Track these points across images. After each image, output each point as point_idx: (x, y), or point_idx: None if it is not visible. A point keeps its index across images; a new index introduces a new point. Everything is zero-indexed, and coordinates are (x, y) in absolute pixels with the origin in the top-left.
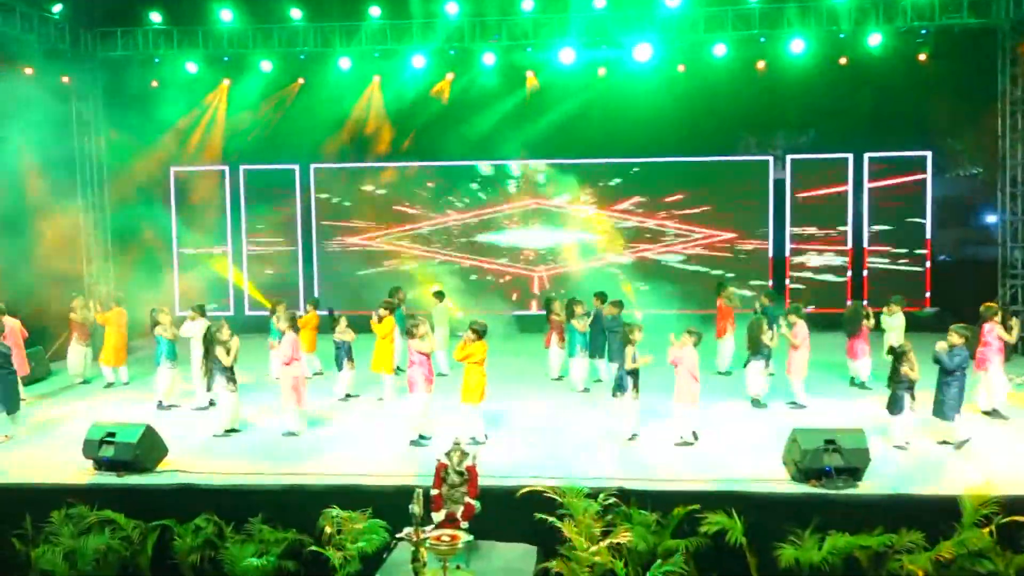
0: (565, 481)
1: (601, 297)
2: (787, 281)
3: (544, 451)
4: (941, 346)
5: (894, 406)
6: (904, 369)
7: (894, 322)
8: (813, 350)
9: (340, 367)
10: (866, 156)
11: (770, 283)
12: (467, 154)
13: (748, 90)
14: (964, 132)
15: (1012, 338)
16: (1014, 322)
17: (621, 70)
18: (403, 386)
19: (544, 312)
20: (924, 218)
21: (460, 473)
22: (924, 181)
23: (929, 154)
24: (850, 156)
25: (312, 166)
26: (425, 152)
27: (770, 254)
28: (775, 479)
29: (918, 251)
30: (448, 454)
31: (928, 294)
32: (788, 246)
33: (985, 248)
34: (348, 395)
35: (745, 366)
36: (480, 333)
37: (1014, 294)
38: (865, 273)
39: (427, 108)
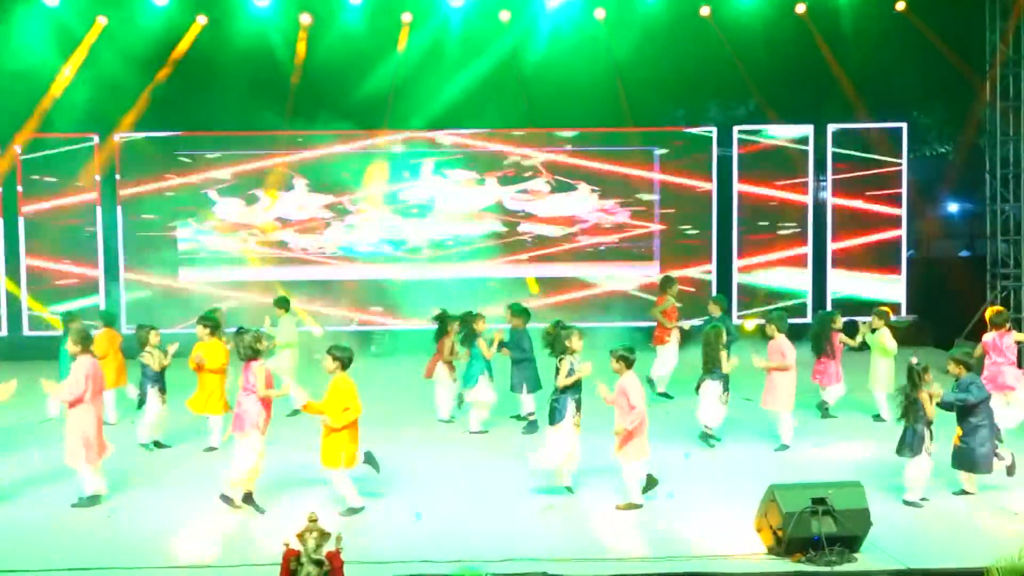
0: (467, 565)
1: (517, 312)
2: (735, 284)
3: (440, 523)
4: (937, 392)
5: (908, 447)
6: (923, 395)
7: (879, 339)
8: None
9: (143, 402)
10: (829, 128)
11: (713, 287)
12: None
13: (685, 46)
14: (937, 102)
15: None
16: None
17: (527, 20)
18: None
19: (437, 330)
20: (899, 206)
21: (318, 563)
22: (898, 160)
23: (904, 126)
24: (810, 128)
25: (117, 136)
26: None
27: (714, 250)
28: (745, 554)
29: (891, 247)
30: (300, 536)
31: (903, 299)
32: (735, 240)
33: (966, 241)
34: (157, 443)
35: (697, 388)
36: (344, 361)
37: (1005, 297)
38: (829, 273)
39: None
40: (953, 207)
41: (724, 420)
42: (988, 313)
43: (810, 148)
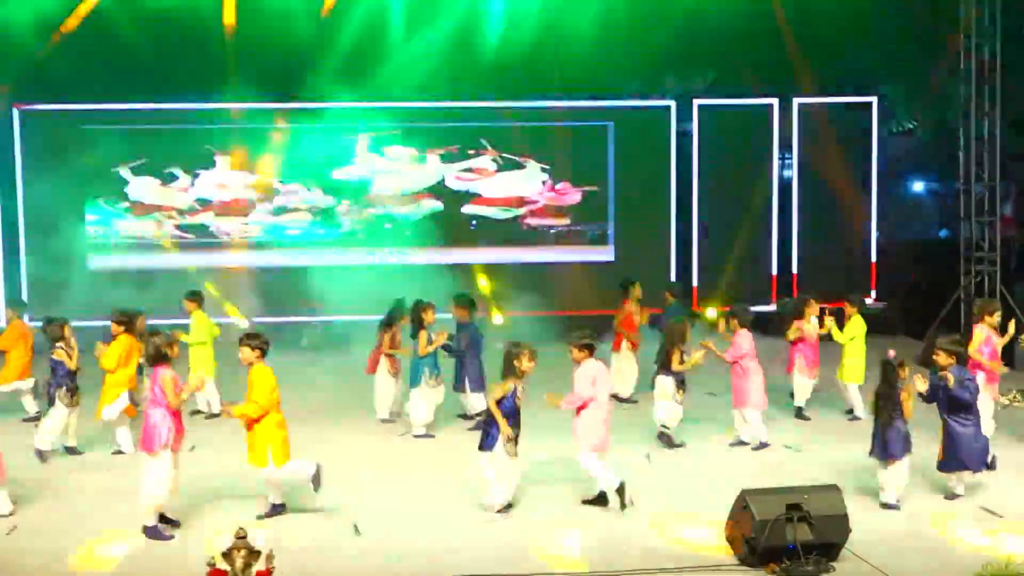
0: None
1: (462, 303)
2: (696, 268)
3: (381, 536)
4: (920, 385)
5: (885, 448)
6: (902, 393)
7: (851, 328)
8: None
9: (51, 403)
10: (795, 102)
11: (672, 272)
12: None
13: (640, 14)
14: (908, 75)
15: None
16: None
17: None
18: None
19: (381, 321)
20: (869, 186)
21: None
22: (868, 136)
23: (874, 101)
24: (775, 101)
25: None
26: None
27: (672, 233)
28: (716, 564)
29: (860, 228)
30: (227, 555)
31: (873, 286)
32: (696, 222)
33: (939, 223)
34: (71, 448)
35: (652, 383)
36: (263, 350)
37: (980, 283)
38: (795, 257)
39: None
40: (924, 186)
41: (686, 419)
42: (977, 304)
43: (774, 123)
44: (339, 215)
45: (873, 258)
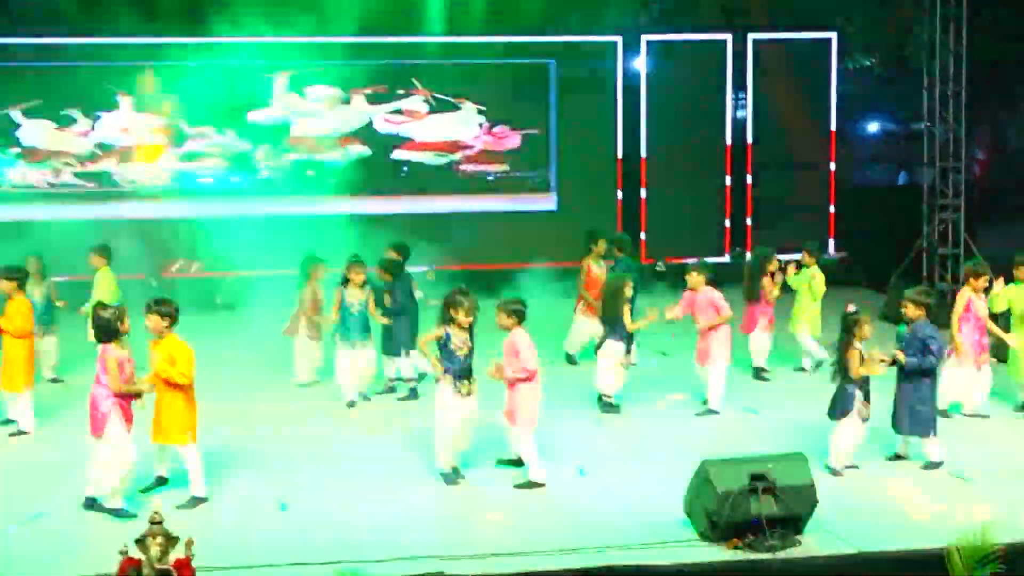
0: (347, 567)
1: (399, 250)
2: (644, 218)
3: (311, 515)
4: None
5: (836, 406)
6: (849, 352)
7: (808, 280)
8: (688, 325)
9: None
10: (749, 38)
11: (619, 223)
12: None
13: None
14: (870, 10)
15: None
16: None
17: None
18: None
19: (298, 277)
20: (827, 128)
21: (164, 574)
22: (826, 75)
23: (833, 37)
24: (728, 37)
25: None
26: None
27: (619, 180)
28: (676, 540)
29: (819, 174)
30: (141, 542)
31: (832, 234)
32: (644, 166)
33: (897, 168)
34: None
35: (596, 349)
36: (173, 317)
37: (944, 231)
38: (750, 204)
39: None
40: (883, 128)
41: (639, 381)
42: (967, 266)
43: (728, 60)
44: (255, 161)
45: (832, 205)
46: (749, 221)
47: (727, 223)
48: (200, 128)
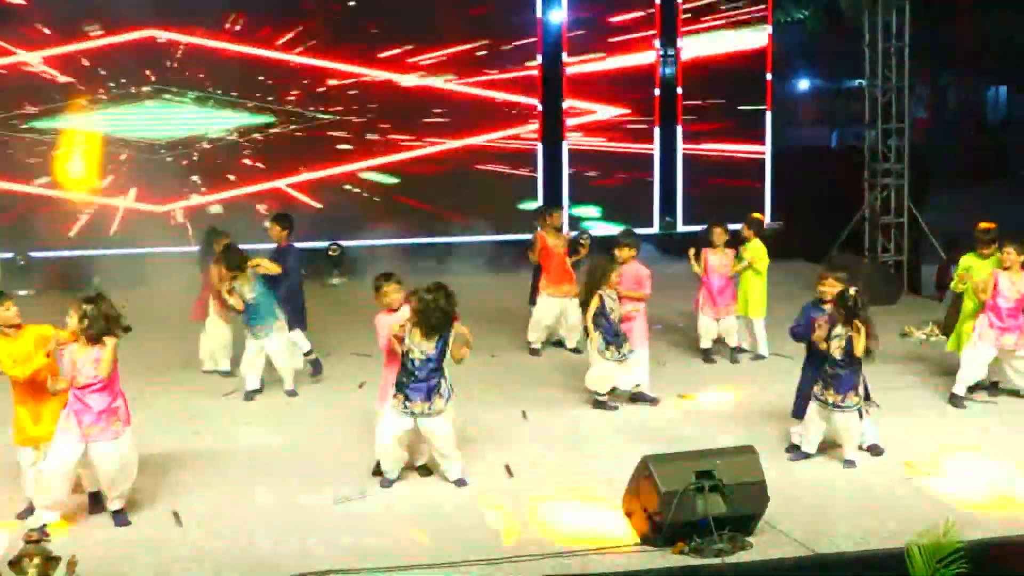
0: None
1: (278, 220)
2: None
3: (208, 527)
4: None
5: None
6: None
7: (751, 253)
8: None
9: None
10: None
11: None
12: None
13: None
14: None
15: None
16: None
17: None
18: None
19: (200, 250)
20: (761, 87)
21: None
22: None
23: None
24: None
25: None
26: None
27: (539, 149)
28: (614, 545)
29: (752, 134)
30: (16, 564)
31: (767, 200)
32: (565, 134)
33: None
34: None
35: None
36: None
37: (886, 199)
38: (679, 170)
39: None
40: (817, 87)
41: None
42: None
43: (656, 13)
44: None
45: (767, 171)
46: (680, 187)
47: (656, 191)
48: None
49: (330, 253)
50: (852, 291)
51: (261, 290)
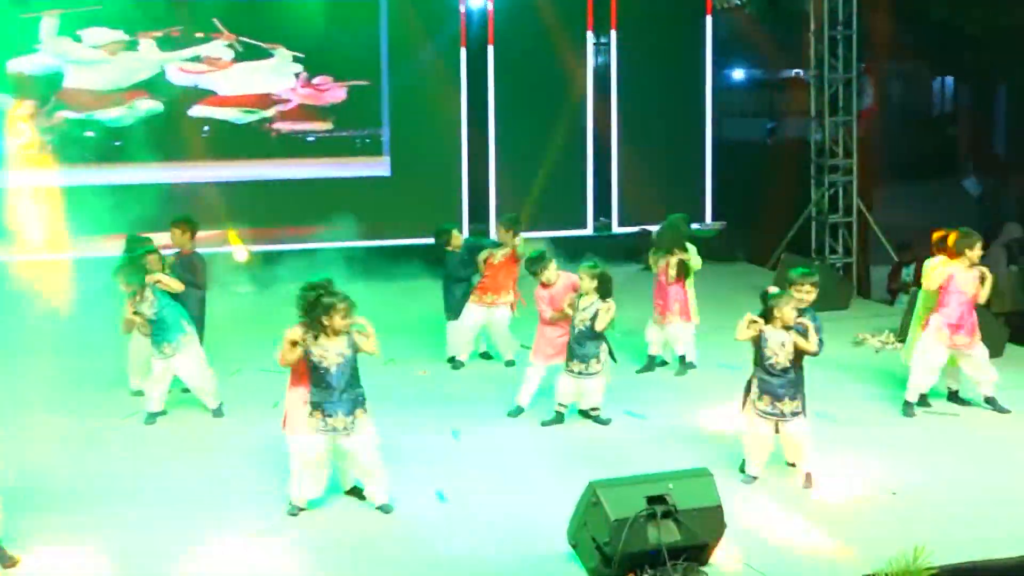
0: None
1: (180, 222)
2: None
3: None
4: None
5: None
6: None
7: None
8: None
9: None
10: None
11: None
12: None
13: None
14: None
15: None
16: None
17: None
18: None
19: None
20: (702, 79)
21: None
22: (700, 15)
23: None
24: None
25: None
26: None
27: (464, 143)
28: None
29: (693, 128)
30: None
31: (708, 198)
32: (492, 127)
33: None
34: None
35: None
36: None
37: (833, 196)
38: (615, 167)
39: None
40: (758, 76)
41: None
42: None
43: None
44: (18, 120)
45: (708, 168)
46: (615, 187)
47: (589, 191)
48: None
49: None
50: (774, 289)
51: (164, 303)
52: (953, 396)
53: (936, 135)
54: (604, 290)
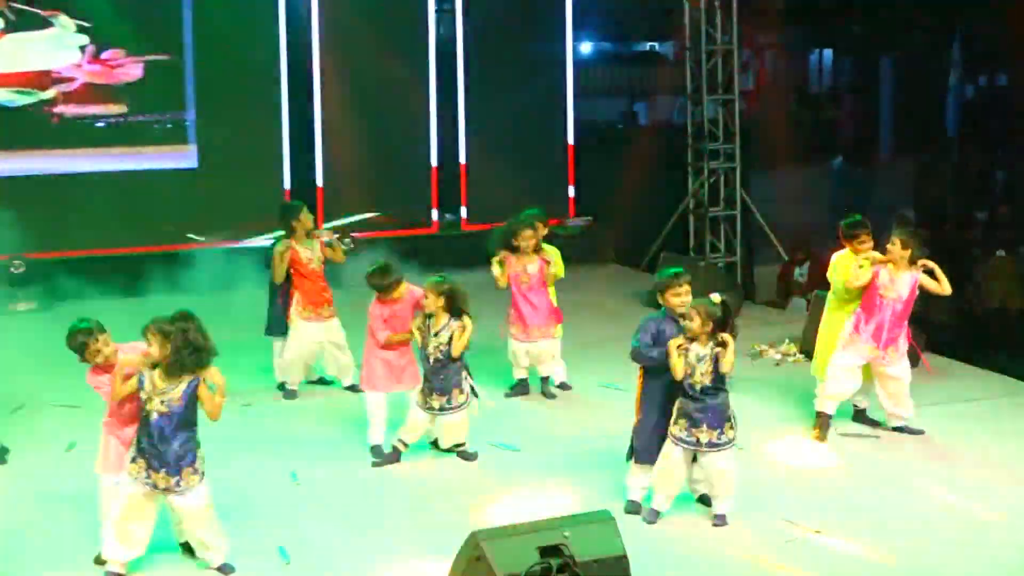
0: None
1: None
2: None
3: None
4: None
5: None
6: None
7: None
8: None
9: None
10: None
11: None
12: None
13: None
14: None
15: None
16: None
17: None
18: None
19: None
20: (562, 54)
21: None
22: None
23: None
24: None
25: None
26: None
27: (284, 126)
28: None
29: (548, 115)
30: None
31: (570, 192)
32: (319, 108)
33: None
34: None
35: None
36: None
37: (714, 186)
38: (463, 153)
39: None
40: (617, 51)
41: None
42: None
43: None
44: None
45: (570, 156)
46: (464, 174)
47: (433, 179)
48: None
49: (12, 271)
50: (717, 297)
51: None
52: (859, 415)
53: (809, 114)
54: (456, 308)
